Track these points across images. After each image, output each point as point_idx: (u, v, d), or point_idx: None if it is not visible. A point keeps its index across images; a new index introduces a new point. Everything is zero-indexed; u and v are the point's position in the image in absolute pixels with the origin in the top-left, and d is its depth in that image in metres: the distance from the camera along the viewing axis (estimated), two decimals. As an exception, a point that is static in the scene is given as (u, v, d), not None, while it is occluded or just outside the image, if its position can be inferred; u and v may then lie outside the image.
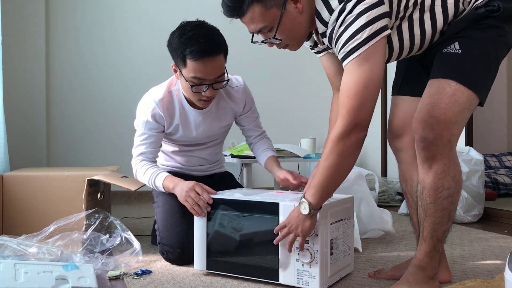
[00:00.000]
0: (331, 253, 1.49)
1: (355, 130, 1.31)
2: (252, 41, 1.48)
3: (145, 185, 2.16)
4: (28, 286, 1.39)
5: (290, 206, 1.46)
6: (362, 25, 1.28)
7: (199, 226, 1.66)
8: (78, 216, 1.88)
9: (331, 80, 1.73)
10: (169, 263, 1.85)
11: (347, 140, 1.32)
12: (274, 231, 1.47)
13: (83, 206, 2.02)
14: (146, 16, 4.01)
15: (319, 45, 1.55)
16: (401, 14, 1.38)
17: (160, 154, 2.02)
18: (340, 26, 1.31)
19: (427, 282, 1.44)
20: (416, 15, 1.40)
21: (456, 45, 1.39)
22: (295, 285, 1.48)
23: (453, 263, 1.85)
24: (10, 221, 2.13)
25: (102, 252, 1.78)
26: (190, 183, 1.70)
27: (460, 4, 1.40)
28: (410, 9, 1.38)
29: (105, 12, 3.92)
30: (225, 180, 2.10)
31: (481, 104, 1.42)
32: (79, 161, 3.77)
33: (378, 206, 2.47)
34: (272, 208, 1.51)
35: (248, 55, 4.21)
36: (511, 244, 2.26)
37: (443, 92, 1.36)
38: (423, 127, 1.37)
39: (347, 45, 1.30)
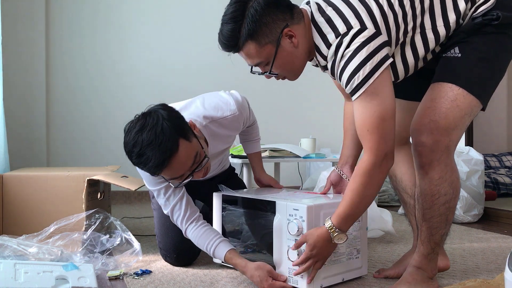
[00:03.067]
0: None
1: (385, 160, 1.31)
2: (251, 72, 1.47)
3: (145, 185, 2.16)
4: (28, 286, 1.39)
5: (292, 205, 1.48)
6: (362, 60, 1.26)
7: (216, 220, 1.76)
8: (79, 217, 1.88)
9: (341, 90, 1.67)
10: (169, 264, 1.85)
11: (379, 171, 1.32)
12: (292, 248, 1.44)
13: (83, 206, 2.02)
14: (146, 16, 4.01)
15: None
16: (401, 40, 1.37)
17: None
18: (340, 61, 1.30)
19: (426, 282, 1.45)
20: (418, 38, 1.39)
21: (456, 49, 1.38)
22: (290, 282, 1.51)
23: (453, 263, 1.85)
24: (10, 221, 2.12)
25: (102, 252, 1.78)
26: (262, 281, 1.49)
27: (461, 20, 1.38)
28: (410, 34, 1.37)
29: (105, 12, 3.92)
30: (228, 181, 2.08)
31: (483, 108, 1.41)
32: (79, 161, 3.77)
33: (378, 206, 2.47)
34: (269, 206, 1.54)
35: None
36: (511, 244, 2.26)
37: (445, 96, 1.35)
38: (421, 131, 1.36)
39: (351, 82, 1.29)
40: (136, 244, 1.79)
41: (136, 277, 1.66)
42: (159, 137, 1.37)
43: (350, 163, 1.65)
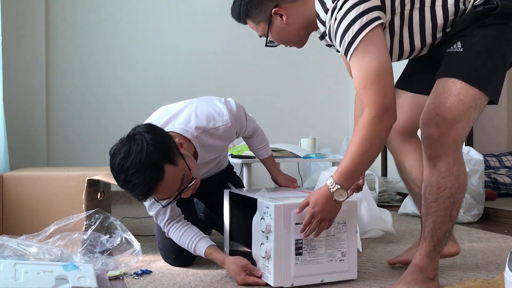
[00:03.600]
0: (299, 253, 1.49)
1: (386, 114, 1.32)
2: (266, 45, 1.63)
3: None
4: (28, 286, 1.39)
5: (265, 203, 1.51)
6: (352, 19, 1.31)
7: (225, 217, 1.84)
8: (79, 217, 1.88)
9: (349, 70, 1.71)
10: (169, 264, 1.85)
11: (379, 125, 1.32)
12: (296, 212, 1.46)
13: (83, 206, 2.02)
14: (146, 16, 4.01)
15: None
16: (398, 10, 1.39)
17: None
18: (334, 23, 1.36)
19: (426, 282, 1.44)
20: (416, 18, 1.41)
21: (459, 44, 1.40)
22: (262, 278, 1.54)
23: (453, 263, 1.85)
24: (10, 221, 2.13)
25: (102, 252, 1.78)
26: (235, 274, 1.56)
27: (461, 4, 1.40)
28: (408, 7, 1.39)
29: (105, 12, 3.92)
30: (227, 180, 2.08)
31: (493, 102, 1.41)
32: (79, 161, 3.77)
33: (378, 206, 2.47)
34: (252, 204, 1.58)
35: (248, 55, 4.22)
36: (511, 244, 2.26)
37: (448, 91, 1.38)
38: (429, 125, 1.39)
39: (343, 41, 1.34)
40: (136, 244, 1.79)
41: (136, 277, 1.66)
42: (144, 166, 1.36)
43: None
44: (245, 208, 1.66)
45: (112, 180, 2.09)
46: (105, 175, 2.13)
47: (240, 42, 4.21)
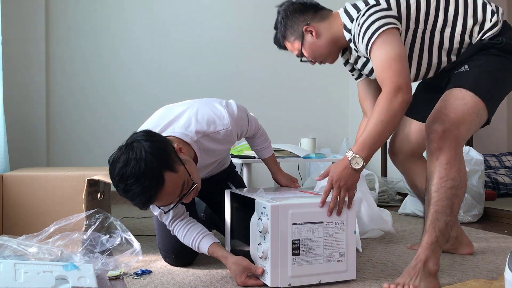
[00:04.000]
0: (296, 254, 1.49)
1: (400, 92, 1.46)
2: (301, 61, 1.87)
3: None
4: (28, 286, 1.39)
5: (262, 203, 1.51)
6: (372, 21, 1.55)
7: (226, 216, 1.84)
8: (79, 217, 1.88)
9: (362, 103, 1.97)
10: (169, 264, 1.85)
11: (395, 100, 1.46)
12: (317, 179, 1.59)
13: (83, 206, 2.02)
14: (147, 16, 4.01)
15: (349, 61, 1.87)
16: (412, 26, 1.64)
17: None
18: (357, 27, 1.61)
19: (428, 277, 1.48)
20: (427, 38, 1.65)
21: (466, 66, 1.63)
22: (259, 278, 1.55)
23: (453, 263, 1.85)
24: (10, 221, 2.13)
25: (102, 252, 1.79)
26: (236, 275, 1.57)
27: (466, 36, 1.64)
28: (422, 26, 1.64)
29: (105, 12, 3.92)
30: (228, 179, 2.07)
31: (488, 121, 1.62)
32: (79, 161, 3.77)
33: (378, 206, 2.47)
34: (251, 203, 1.59)
35: (248, 55, 4.22)
36: (511, 244, 2.26)
37: (454, 96, 1.57)
38: (433, 122, 1.54)
39: (364, 38, 1.56)
40: (136, 244, 1.79)
41: (136, 277, 1.66)
42: (143, 174, 1.35)
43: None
44: (245, 208, 1.66)
45: (112, 180, 2.09)
46: (105, 175, 2.13)
47: (241, 43, 4.22)
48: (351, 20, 1.68)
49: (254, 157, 2.79)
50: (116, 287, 1.58)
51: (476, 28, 1.63)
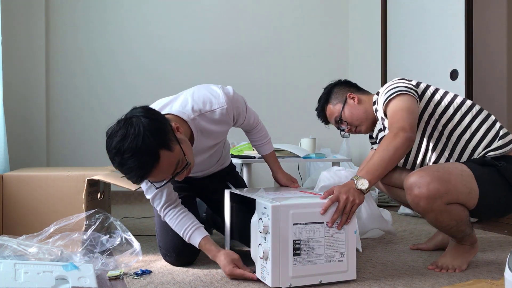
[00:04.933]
0: (297, 254, 1.49)
1: (403, 131, 1.62)
2: (338, 128, 2.12)
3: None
4: (28, 286, 1.39)
5: (263, 204, 1.51)
6: (397, 85, 1.78)
7: (226, 216, 1.84)
8: (79, 217, 1.88)
9: None
10: (169, 263, 1.85)
11: (397, 137, 1.61)
12: (321, 198, 1.56)
13: (83, 206, 2.02)
14: (146, 16, 4.01)
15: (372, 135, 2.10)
16: (425, 119, 1.81)
17: None
18: (383, 89, 1.84)
19: (468, 251, 1.77)
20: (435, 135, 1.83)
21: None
22: (260, 278, 1.55)
23: (453, 263, 1.85)
24: (10, 221, 2.13)
25: (102, 252, 1.78)
26: (223, 267, 1.62)
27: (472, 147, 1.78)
28: (433, 122, 1.81)
29: (105, 12, 3.92)
30: (227, 179, 2.08)
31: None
32: (79, 161, 3.77)
33: (378, 206, 2.47)
34: (251, 204, 1.59)
35: (248, 55, 4.22)
36: (511, 244, 2.26)
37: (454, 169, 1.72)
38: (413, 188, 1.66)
39: (386, 95, 1.77)
40: (136, 244, 1.79)
41: (136, 277, 1.66)
42: (140, 150, 1.37)
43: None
44: (245, 208, 1.66)
45: (112, 180, 2.10)
46: (105, 175, 2.13)
47: (242, 42, 4.22)
48: (377, 93, 1.93)
49: (254, 157, 2.79)
50: (116, 287, 1.58)
51: (481, 150, 1.77)
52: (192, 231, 1.70)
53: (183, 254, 1.80)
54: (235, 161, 2.76)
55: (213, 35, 4.15)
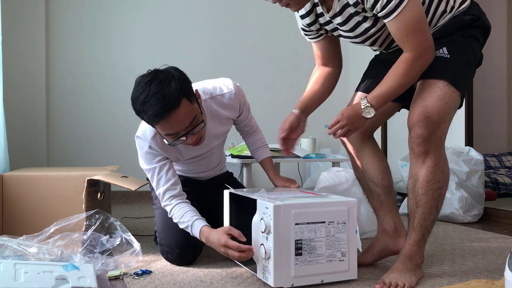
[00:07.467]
0: (299, 254, 1.49)
1: (426, 53, 1.48)
2: None
3: (145, 184, 2.16)
4: (28, 286, 1.39)
5: (264, 204, 1.51)
6: None
7: (225, 217, 1.83)
8: (79, 217, 1.88)
9: (323, 57, 1.98)
10: (169, 263, 1.85)
11: (420, 61, 1.48)
12: (329, 126, 1.58)
13: (83, 206, 2.02)
14: (146, 17, 4.01)
15: (316, 24, 1.73)
16: None
17: None
18: None
19: (415, 270, 1.60)
20: None
21: (445, 50, 1.58)
22: (262, 278, 1.54)
23: (453, 263, 1.86)
24: (10, 221, 2.13)
25: (102, 253, 1.79)
26: (218, 240, 1.59)
27: (443, 4, 1.57)
28: None
29: (105, 12, 3.92)
30: (227, 182, 2.09)
31: (461, 104, 1.64)
32: (79, 161, 3.77)
33: (378, 206, 2.46)
34: (251, 204, 1.59)
35: (248, 54, 4.22)
36: (511, 244, 2.26)
37: (435, 94, 1.55)
38: (419, 126, 1.54)
39: (388, 6, 1.44)
40: (136, 245, 1.79)
41: (136, 277, 1.66)
42: (165, 90, 1.50)
43: (307, 113, 1.98)
44: (245, 209, 1.66)
45: (112, 180, 2.10)
46: (105, 175, 2.13)
47: (240, 42, 4.22)
48: None
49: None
50: (116, 287, 1.58)
51: (448, 7, 1.59)
52: (196, 218, 1.69)
53: (186, 250, 1.79)
54: (235, 161, 2.76)
55: (213, 35, 4.15)
